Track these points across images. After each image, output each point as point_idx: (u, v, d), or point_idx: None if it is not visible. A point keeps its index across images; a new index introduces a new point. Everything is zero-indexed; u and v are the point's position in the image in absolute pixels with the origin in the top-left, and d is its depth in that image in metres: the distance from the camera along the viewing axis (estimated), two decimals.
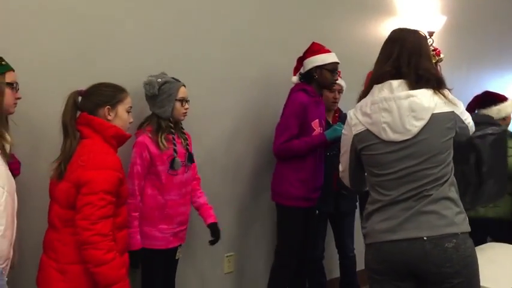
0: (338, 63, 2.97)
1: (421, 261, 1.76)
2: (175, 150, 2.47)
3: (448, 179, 1.82)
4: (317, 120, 2.94)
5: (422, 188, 1.78)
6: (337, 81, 3.06)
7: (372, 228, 1.87)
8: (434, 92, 1.82)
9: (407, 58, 1.86)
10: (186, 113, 2.53)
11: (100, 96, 2.08)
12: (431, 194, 1.77)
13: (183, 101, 2.50)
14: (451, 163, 1.86)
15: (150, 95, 2.44)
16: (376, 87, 1.89)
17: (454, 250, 1.74)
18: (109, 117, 2.07)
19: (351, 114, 1.97)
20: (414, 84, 1.83)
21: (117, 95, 2.12)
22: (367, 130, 1.88)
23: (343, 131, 2.06)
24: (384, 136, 1.83)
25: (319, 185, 3.01)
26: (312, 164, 2.93)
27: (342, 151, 2.06)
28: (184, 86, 2.54)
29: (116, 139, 2.08)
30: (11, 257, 1.79)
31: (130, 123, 2.18)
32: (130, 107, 2.17)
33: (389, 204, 1.83)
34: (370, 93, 1.91)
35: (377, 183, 1.89)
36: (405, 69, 1.85)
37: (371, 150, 1.89)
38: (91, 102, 2.07)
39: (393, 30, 1.99)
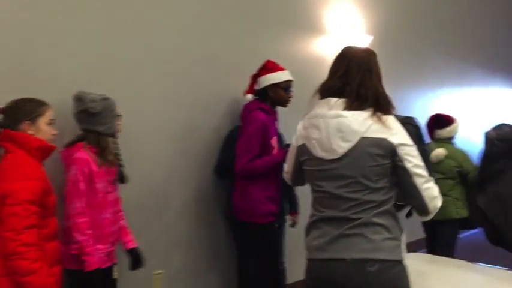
0: (292, 80, 3.00)
1: (345, 282, 1.74)
2: (121, 165, 2.50)
3: (379, 205, 1.74)
4: (275, 137, 2.96)
5: (348, 211, 1.74)
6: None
7: (309, 244, 1.86)
8: (372, 115, 1.74)
9: (354, 74, 1.79)
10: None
11: (19, 112, 2.09)
12: (359, 218, 1.73)
13: (118, 116, 2.48)
14: (387, 190, 1.77)
15: (95, 111, 2.34)
16: (318, 102, 1.86)
17: (376, 274, 1.70)
18: (30, 132, 2.09)
19: (299, 126, 1.93)
20: (352, 104, 1.76)
21: (37, 109, 2.13)
22: (304, 144, 1.87)
23: (293, 143, 2.02)
24: (314, 152, 1.81)
25: (280, 200, 3.07)
26: (276, 180, 2.94)
27: (288, 154, 2.04)
28: None
29: (41, 151, 2.10)
30: None
31: (53, 135, 2.18)
32: (52, 119, 2.17)
33: (322, 220, 1.82)
34: (314, 108, 1.87)
35: (314, 198, 1.88)
36: (349, 86, 1.78)
37: (307, 165, 1.88)
38: (11, 119, 2.09)
39: (344, 47, 1.93)
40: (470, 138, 6.22)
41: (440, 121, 3.85)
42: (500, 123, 3.33)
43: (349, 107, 1.75)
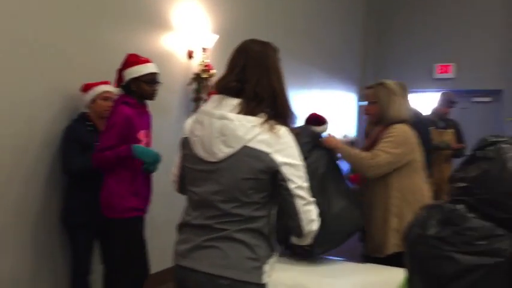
0: (156, 73, 2.99)
1: None
2: None
3: (246, 221, 1.64)
4: (143, 131, 2.95)
5: (212, 219, 1.65)
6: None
7: (175, 248, 1.78)
8: (263, 122, 1.62)
9: (251, 70, 1.68)
10: None
11: None
12: (223, 230, 1.64)
13: None
14: (260, 206, 1.66)
15: None
16: (211, 98, 1.74)
17: None
18: None
19: (189, 119, 1.81)
20: (248, 105, 1.64)
21: None
22: (188, 138, 1.74)
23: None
24: (195, 150, 1.69)
25: (149, 195, 3.05)
26: (143, 175, 2.95)
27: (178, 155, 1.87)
28: None
29: None
30: None
31: None
32: None
33: (188, 225, 1.73)
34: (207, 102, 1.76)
35: (188, 199, 1.77)
36: (247, 85, 1.66)
37: (187, 161, 1.75)
38: None
39: (244, 40, 1.79)
40: None
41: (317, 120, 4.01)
42: None
43: (245, 108, 1.63)
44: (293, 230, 1.71)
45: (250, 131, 1.60)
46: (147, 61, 2.97)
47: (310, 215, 1.67)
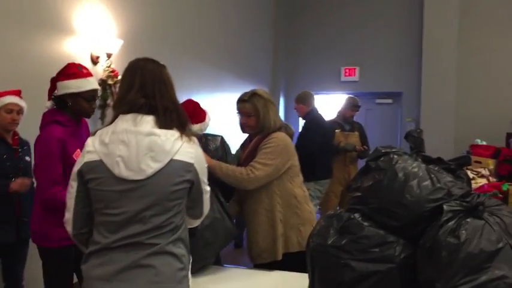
0: (97, 89, 2.65)
1: None
2: None
3: (174, 229, 1.70)
4: (78, 150, 2.48)
5: (143, 235, 1.65)
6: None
7: (88, 274, 1.70)
8: (181, 135, 1.72)
9: (151, 87, 1.74)
10: None
11: None
12: (154, 244, 1.66)
13: None
14: (182, 215, 1.76)
15: None
16: (121, 117, 1.72)
17: None
18: None
19: (89, 141, 1.74)
20: (161, 120, 1.71)
21: None
22: (101, 161, 1.67)
23: (78, 159, 1.76)
24: (116, 171, 1.65)
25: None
26: None
27: (68, 186, 1.77)
28: None
29: None
30: None
31: None
32: None
33: (108, 248, 1.67)
34: (114, 122, 1.72)
35: (101, 222, 1.70)
36: (153, 101, 1.72)
37: (99, 185, 1.68)
38: None
39: (133, 60, 1.84)
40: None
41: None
42: None
43: (163, 123, 1.70)
44: (194, 214, 1.88)
45: (175, 144, 1.68)
46: (89, 75, 2.59)
47: (208, 200, 1.91)
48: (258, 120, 2.68)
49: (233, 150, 2.92)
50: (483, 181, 4.58)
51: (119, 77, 4.25)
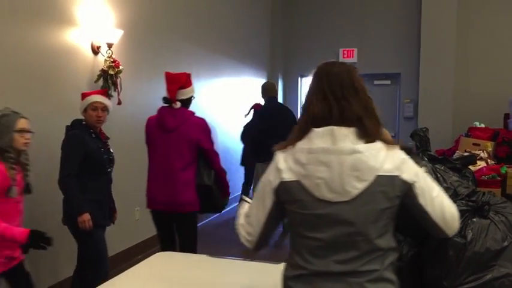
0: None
1: None
2: (14, 179, 2.61)
3: (386, 253, 1.54)
4: None
5: (354, 263, 1.51)
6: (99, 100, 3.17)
7: None
8: (382, 146, 1.52)
9: (340, 93, 1.56)
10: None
11: None
12: (374, 271, 1.51)
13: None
14: (392, 237, 1.58)
15: None
16: (315, 132, 1.55)
17: None
18: None
19: (280, 157, 1.60)
20: (364, 131, 1.52)
21: None
22: (298, 182, 1.54)
23: (265, 175, 1.64)
24: (317, 193, 1.51)
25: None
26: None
27: (255, 201, 1.66)
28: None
29: None
30: None
31: None
32: None
33: (315, 275, 1.55)
34: (307, 138, 1.55)
35: (304, 245, 1.58)
36: (348, 112, 1.54)
37: (299, 208, 1.55)
38: None
39: (320, 64, 1.66)
40: (224, 123, 6.82)
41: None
42: None
43: (362, 135, 1.52)
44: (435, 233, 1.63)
45: (377, 158, 1.50)
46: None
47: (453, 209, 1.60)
48: None
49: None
50: (482, 164, 4.64)
51: (121, 67, 4.26)
